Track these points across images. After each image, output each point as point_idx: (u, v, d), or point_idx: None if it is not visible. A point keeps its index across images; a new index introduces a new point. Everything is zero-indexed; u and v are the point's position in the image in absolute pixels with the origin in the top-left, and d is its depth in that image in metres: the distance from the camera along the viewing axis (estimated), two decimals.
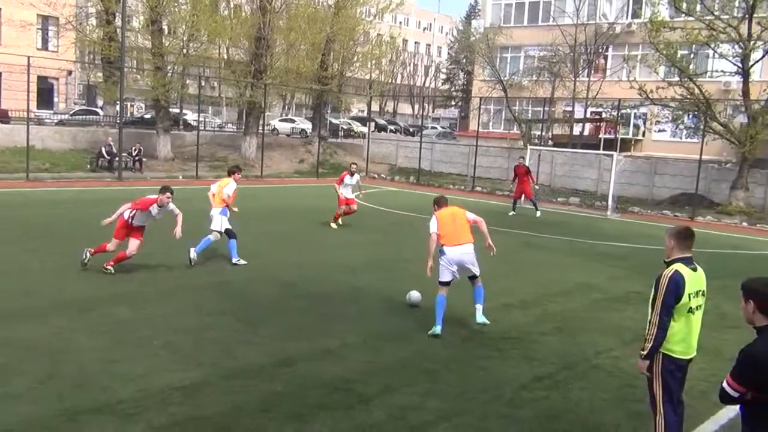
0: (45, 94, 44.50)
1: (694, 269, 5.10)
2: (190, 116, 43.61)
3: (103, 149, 27.56)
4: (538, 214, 21.68)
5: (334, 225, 16.76)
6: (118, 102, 30.18)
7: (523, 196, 22.12)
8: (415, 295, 9.78)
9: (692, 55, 28.15)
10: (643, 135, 40.52)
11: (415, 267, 12.58)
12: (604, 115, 39.49)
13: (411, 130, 54.78)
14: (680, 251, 5.12)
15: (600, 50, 40.17)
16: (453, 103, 77.22)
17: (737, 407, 6.71)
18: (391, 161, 38.38)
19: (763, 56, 26.32)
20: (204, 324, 8.32)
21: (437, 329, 8.37)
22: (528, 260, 14.21)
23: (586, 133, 39.88)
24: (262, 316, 8.85)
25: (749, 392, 3.64)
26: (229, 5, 35.38)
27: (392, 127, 54.25)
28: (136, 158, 28.55)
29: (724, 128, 26.33)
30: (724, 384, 3.75)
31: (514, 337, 8.58)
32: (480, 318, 8.83)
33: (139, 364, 6.81)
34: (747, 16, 25.16)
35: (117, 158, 26.95)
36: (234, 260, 11.86)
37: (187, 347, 7.44)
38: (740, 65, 25.72)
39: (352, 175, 17.11)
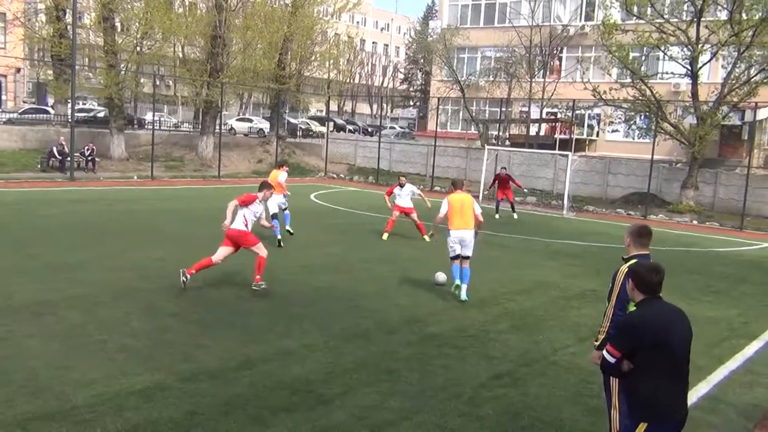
0: None
1: None
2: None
3: (55, 149, 26.85)
4: (516, 216, 21.89)
5: (384, 236, 16.00)
6: (69, 100, 29.44)
7: (505, 197, 22.39)
8: (441, 276, 11.16)
9: (643, 58, 28.82)
10: (597, 135, 41.31)
11: (376, 267, 12.65)
12: (559, 116, 40.11)
13: (370, 129, 54.81)
14: (637, 248, 5.26)
15: (555, 52, 40.80)
16: (411, 103, 77.53)
17: (689, 400, 6.90)
18: (350, 161, 38.35)
19: (711, 59, 27.07)
20: (161, 327, 8.18)
21: (455, 281, 10.43)
22: (486, 259, 14.33)
23: (542, 133, 40.47)
24: (221, 318, 8.74)
25: (624, 360, 3.92)
26: (184, 3, 34.89)
27: (351, 127, 54.21)
28: (89, 158, 27.90)
29: (674, 129, 27.03)
30: (604, 351, 4.02)
31: (473, 335, 8.66)
32: (463, 296, 10.32)
33: (93, 369, 6.65)
34: (695, 19, 25.88)
35: (69, 158, 26.30)
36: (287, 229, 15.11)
37: (143, 351, 7.30)
38: (689, 67, 26.43)
39: (401, 186, 16.73)
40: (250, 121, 48.19)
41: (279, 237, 14.03)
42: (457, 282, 10.39)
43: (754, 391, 7.33)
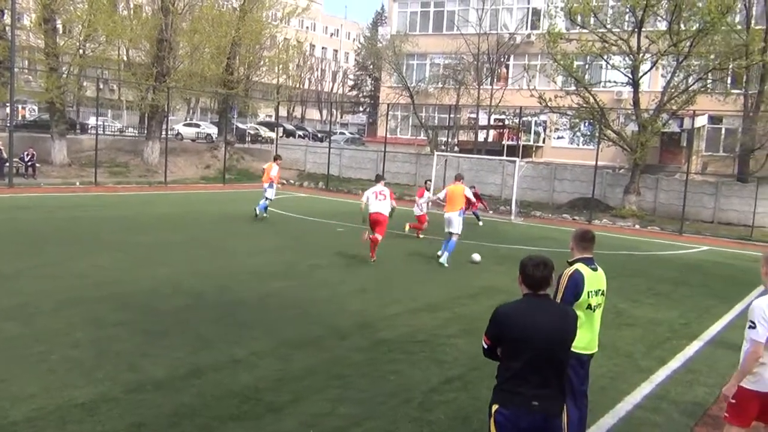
0: None
1: (595, 269, 5.35)
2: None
3: None
4: (481, 223, 22.12)
5: (421, 235, 18.21)
6: (8, 104, 28.46)
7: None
8: (477, 256, 14.56)
9: (587, 66, 29.56)
10: (544, 142, 42.11)
11: (326, 273, 12.60)
12: (506, 122, 40.78)
13: (319, 135, 54.62)
14: (581, 252, 5.39)
15: (502, 59, 41.46)
16: (361, 109, 77.64)
17: (633, 401, 7.09)
18: (299, 167, 38.16)
19: (651, 68, 27.95)
20: (105, 337, 7.96)
21: (440, 252, 14.21)
22: (435, 264, 14.45)
23: (490, 139, 41.05)
24: (168, 326, 8.55)
25: (495, 345, 4.11)
26: (129, 5, 34.17)
27: (300, 133, 53.91)
28: (29, 164, 27.02)
29: (617, 136, 27.79)
30: (482, 338, 4.21)
31: (424, 340, 8.70)
32: (442, 260, 13.77)
33: (33, 382, 6.42)
34: (636, 30, 26.67)
35: (7, 164, 25.40)
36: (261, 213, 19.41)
37: (87, 362, 7.08)
38: (631, 76, 27.23)
39: (428, 190, 18.87)
40: (198, 126, 47.48)
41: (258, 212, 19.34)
42: (438, 253, 14.20)
43: (695, 390, 7.57)
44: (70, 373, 6.73)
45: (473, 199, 15.98)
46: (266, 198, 19.67)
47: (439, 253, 14.19)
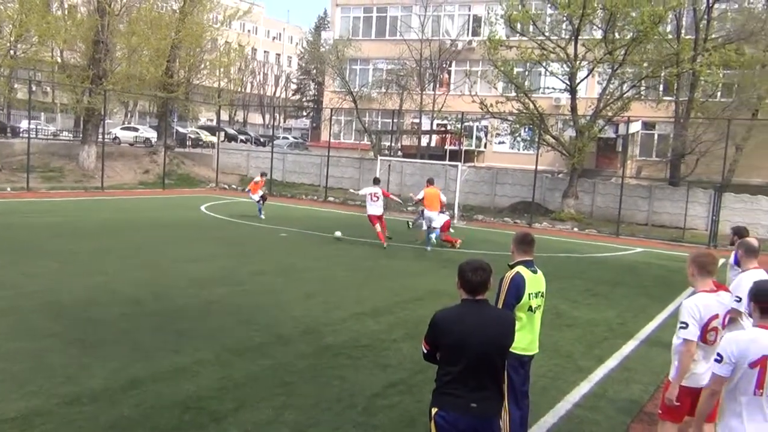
0: None
1: (535, 272, 5.47)
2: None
3: None
4: (412, 225, 22.30)
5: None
6: None
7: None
8: (338, 233, 17.81)
9: (527, 73, 30.15)
10: (485, 146, 42.75)
11: (270, 279, 12.48)
12: (449, 128, 41.23)
13: (262, 140, 54.12)
14: (521, 255, 5.50)
15: (444, 65, 41.93)
16: (304, 113, 77.25)
17: (573, 399, 7.26)
18: (241, 172, 37.69)
19: (588, 75, 28.73)
20: (39, 348, 7.68)
21: (428, 248, 17.36)
22: (379, 268, 14.50)
23: (433, 144, 41.42)
24: (106, 336, 8.31)
25: (434, 350, 4.15)
26: (63, 5, 33.15)
27: (243, 137, 53.30)
28: None
29: (555, 141, 28.45)
30: (422, 343, 4.25)
31: (368, 345, 8.71)
32: (433, 241, 17.44)
33: None
34: (573, 38, 27.39)
35: None
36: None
37: (19, 374, 6.82)
38: (568, 83, 27.91)
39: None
40: (136, 129, 46.38)
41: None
42: (427, 249, 17.33)
43: (631, 387, 7.80)
44: (2, 386, 6.47)
45: (444, 199, 18.33)
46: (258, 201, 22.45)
47: (428, 248, 17.36)
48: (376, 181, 18.52)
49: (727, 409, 4.10)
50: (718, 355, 4.07)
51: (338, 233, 18.22)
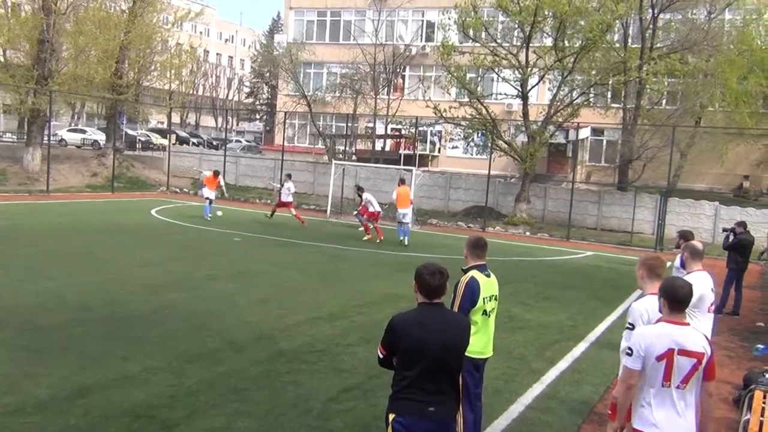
0: None
1: (488, 275, 5.53)
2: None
3: None
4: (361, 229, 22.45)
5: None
6: None
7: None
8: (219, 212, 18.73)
9: (479, 78, 30.52)
10: (439, 151, 43.08)
11: (223, 284, 12.31)
12: (403, 132, 41.42)
13: (215, 143, 53.41)
14: (474, 259, 5.55)
15: (398, 70, 42.13)
16: (257, 116, 76.54)
17: (525, 401, 7.35)
18: (193, 175, 37.09)
19: (539, 82, 29.23)
20: None
21: (401, 238, 19.72)
22: (335, 272, 14.46)
23: (387, 148, 41.55)
24: (52, 343, 8.07)
25: (391, 355, 4.11)
26: (6, 3, 32.12)
27: (195, 140, 52.52)
28: None
29: (508, 146, 28.84)
30: (378, 348, 4.22)
31: (323, 349, 8.67)
32: (406, 241, 19.57)
33: None
34: (524, 45, 27.85)
35: None
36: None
37: None
38: (520, 89, 28.35)
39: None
40: (84, 131, 45.28)
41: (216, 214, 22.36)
42: (401, 238, 19.67)
43: (582, 389, 7.96)
44: None
45: (412, 197, 21.07)
46: (208, 198, 22.61)
47: (402, 239, 19.75)
48: (360, 189, 21.71)
49: (638, 400, 4.24)
50: (629, 348, 4.23)
51: (219, 212, 22.64)
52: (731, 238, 13.68)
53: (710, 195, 30.68)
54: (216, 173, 23.60)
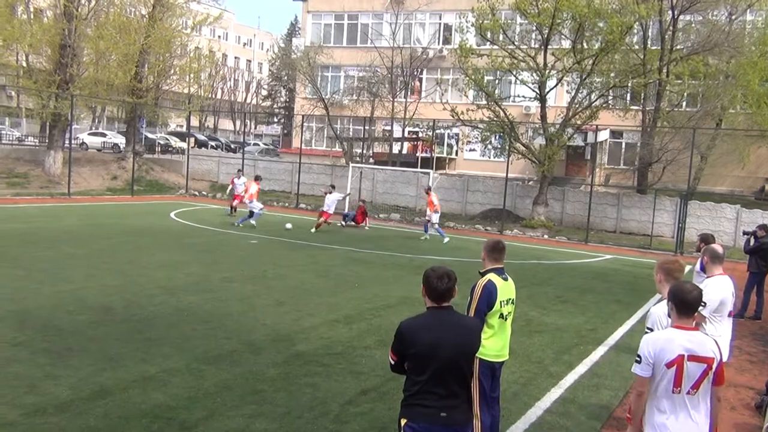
0: None
1: (505, 279, 5.51)
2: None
3: None
4: (367, 228, 22.45)
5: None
6: None
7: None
8: (288, 225, 20.05)
9: (497, 81, 30.45)
10: (456, 154, 43.00)
11: (240, 286, 12.37)
12: (420, 135, 41.39)
13: (233, 146, 53.74)
14: (492, 262, 5.53)
15: (415, 73, 42.10)
16: (275, 120, 76.93)
17: (544, 405, 7.31)
18: (212, 178, 37.37)
19: (557, 84, 29.09)
20: (2, 357, 7.51)
21: (425, 236, 21.98)
22: (351, 275, 14.47)
23: (404, 151, 41.53)
24: (73, 345, 8.16)
25: (401, 360, 4.08)
26: (29, 9, 32.58)
27: (213, 143, 52.88)
28: None
29: (525, 149, 28.72)
30: (389, 354, 4.19)
31: (340, 352, 8.68)
32: (445, 240, 21.07)
33: None
34: (542, 47, 27.73)
35: None
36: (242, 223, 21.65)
37: None
38: (538, 91, 28.23)
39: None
40: (104, 135, 45.76)
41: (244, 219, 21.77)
42: (442, 238, 21.39)
43: (601, 393, 7.89)
44: None
45: (435, 202, 22.13)
46: (252, 211, 21.85)
47: (435, 237, 21.70)
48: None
49: (650, 406, 4.20)
50: (638, 356, 4.18)
51: (289, 225, 21.48)
52: (753, 241, 13.51)
53: (731, 198, 30.31)
54: (257, 178, 23.40)
